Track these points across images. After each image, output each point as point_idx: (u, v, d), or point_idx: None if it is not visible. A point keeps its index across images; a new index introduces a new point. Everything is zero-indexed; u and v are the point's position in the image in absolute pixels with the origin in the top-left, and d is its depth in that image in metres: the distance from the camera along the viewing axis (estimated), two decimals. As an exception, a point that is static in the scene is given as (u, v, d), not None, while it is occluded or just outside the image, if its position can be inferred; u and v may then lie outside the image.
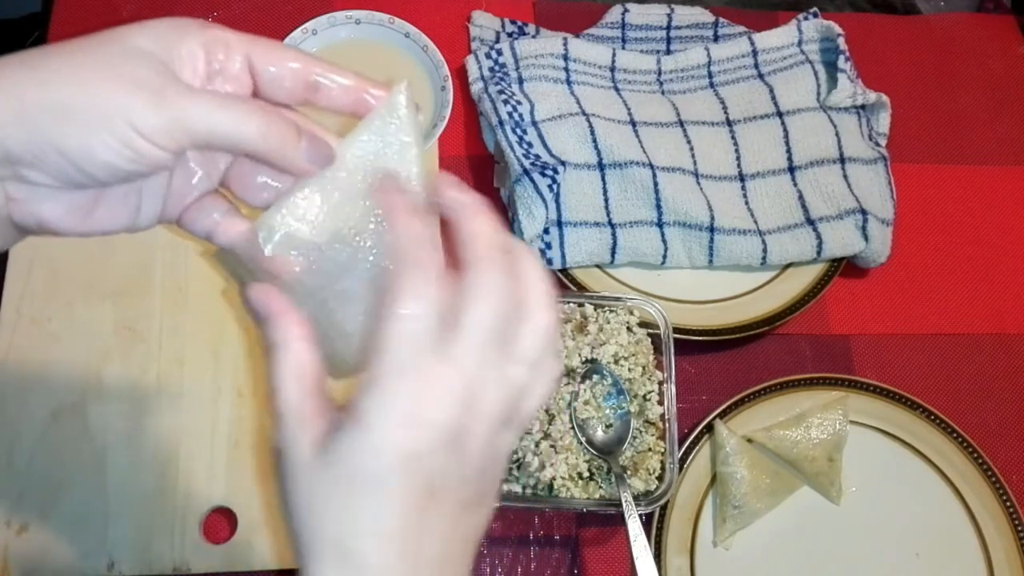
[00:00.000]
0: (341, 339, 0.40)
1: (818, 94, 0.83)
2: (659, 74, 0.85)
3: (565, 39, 0.82)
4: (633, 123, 0.80)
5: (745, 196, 0.79)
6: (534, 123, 0.78)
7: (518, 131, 0.76)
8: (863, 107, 0.83)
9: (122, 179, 0.36)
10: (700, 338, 0.73)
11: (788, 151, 0.80)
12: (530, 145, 0.76)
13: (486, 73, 0.80)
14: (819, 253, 0.76)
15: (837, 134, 0.80)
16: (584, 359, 0.67)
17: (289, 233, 0.38)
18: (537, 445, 0.64)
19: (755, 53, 0.84)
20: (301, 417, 0.35)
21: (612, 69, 0.84)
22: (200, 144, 0.36)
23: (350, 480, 0.33)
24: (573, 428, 0.65)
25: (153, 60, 0.35)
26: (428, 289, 0.34)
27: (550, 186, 0.73)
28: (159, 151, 0.34)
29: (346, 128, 0.40)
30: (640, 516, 0.61)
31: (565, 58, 0.82)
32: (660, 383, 0.68)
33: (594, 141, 0.77)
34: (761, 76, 0.84)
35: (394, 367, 0.33)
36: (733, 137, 0.81)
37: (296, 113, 0.40)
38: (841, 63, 0.82)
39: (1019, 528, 0.68)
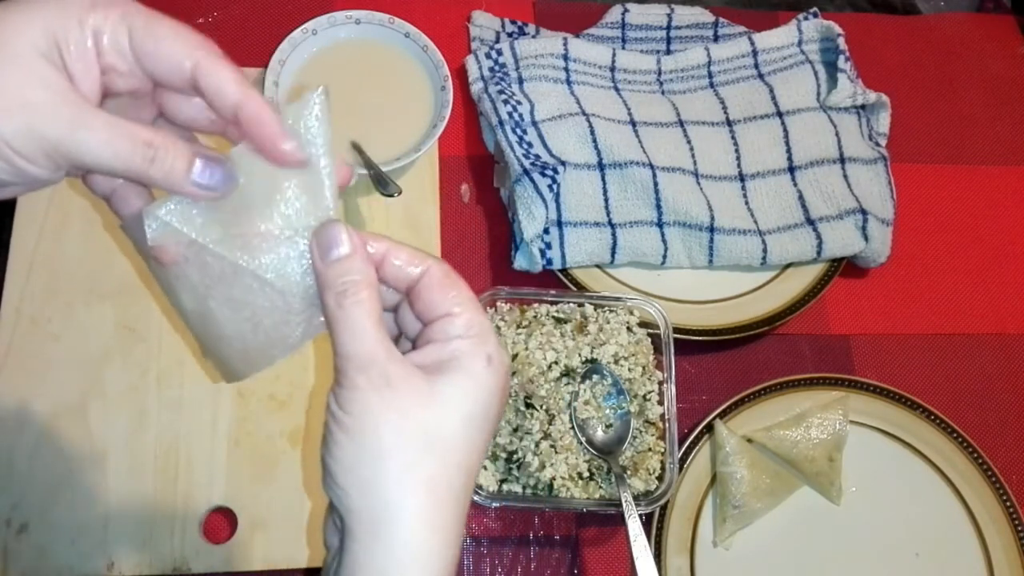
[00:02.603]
0: (222, 341, 0.40)
1: (818, 94, 0.82)
2: (659, 74, 0.85)
3: (565, 39, 0.82)
4: (633, 123, 0.80)
5: (745, 196, 0.79)
6: (534, 123, 0.78)
7: (518, 131, 0.76)
8: (863, 107, 0.83)
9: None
10: (700, 338, 0.73)
11: (788, 151, 0.80)
12: (530, 145, 0.76)
13: (486, 73, 0.80)
14: (819, 253, 0.76)
15: (837, 134, 0.80)
16: (584, 359, 0.67)
17: (173, 226, 0.38)
18: (537, 445, 0.64)
19: (755, 53, 0.84)
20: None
21: (612, 69, 0.84)
22: (81, 171, 0.37)
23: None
24: (573, 428, 0.65)
25: (46, 67, 0.35)
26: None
27: (550, 186, 0.73)
28: (37, 169, 0.35)
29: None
30: (640, 516, 0.61)
31: (565, 58, 0.82)
32: (660, 383, 0.68)
33: (594, 141, 0.77)
34: (761, 76, 0.84)
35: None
36: (733, 137, 0.81)
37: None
38: (841, 63, 0.82)
39: (1019, 528, 0.68)
